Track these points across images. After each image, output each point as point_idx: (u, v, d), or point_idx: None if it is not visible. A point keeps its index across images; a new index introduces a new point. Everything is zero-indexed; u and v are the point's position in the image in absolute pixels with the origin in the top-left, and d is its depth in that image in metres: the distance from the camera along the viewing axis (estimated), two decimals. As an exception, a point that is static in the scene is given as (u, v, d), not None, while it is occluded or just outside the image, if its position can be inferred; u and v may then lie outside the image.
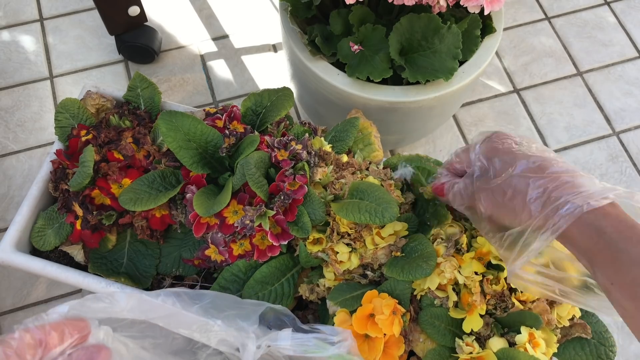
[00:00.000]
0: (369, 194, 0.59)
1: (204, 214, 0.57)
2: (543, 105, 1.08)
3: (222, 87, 1.07)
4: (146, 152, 0.66)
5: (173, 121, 0.62)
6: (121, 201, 0.60)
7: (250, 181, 0.58)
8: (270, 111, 0.69)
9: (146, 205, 0.60)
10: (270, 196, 0.61)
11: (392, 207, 0.57)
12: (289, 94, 0.70)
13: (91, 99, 0.72)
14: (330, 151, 0.64)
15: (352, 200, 0.59)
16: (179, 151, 0.61)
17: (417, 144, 1.03)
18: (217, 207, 0.57)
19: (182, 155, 0.61)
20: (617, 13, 1.18)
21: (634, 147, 1.05)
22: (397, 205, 0.57)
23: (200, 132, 0.63)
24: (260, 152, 0.61)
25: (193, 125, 0.63)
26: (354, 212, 0.57)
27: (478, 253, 0.56)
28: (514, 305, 0.55)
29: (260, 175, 0.60)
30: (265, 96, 0.70)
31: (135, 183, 0.62)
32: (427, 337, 0.56)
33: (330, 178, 0.62)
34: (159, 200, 0.60)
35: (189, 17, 1.15)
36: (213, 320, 0.49)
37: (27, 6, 1.14)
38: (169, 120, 0.62)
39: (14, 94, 1.05)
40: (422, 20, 0.74)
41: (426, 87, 0.76)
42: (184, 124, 0.62)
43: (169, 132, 0.62)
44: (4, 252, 0.64)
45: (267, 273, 0.61)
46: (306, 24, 0.83)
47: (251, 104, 0.70)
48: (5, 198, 0.96)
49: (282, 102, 0.69)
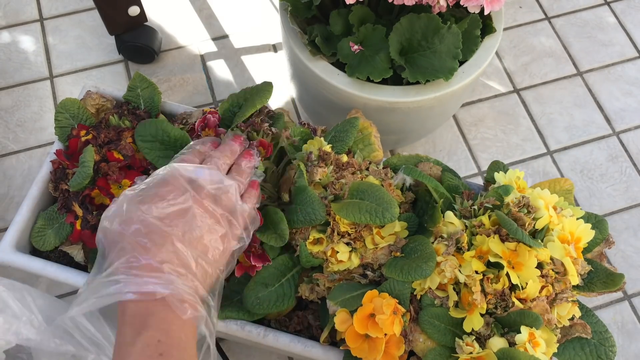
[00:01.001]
0: (370, 194, 0.59)
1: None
2: (543, 105, 1.08)
3: (222, 87, 1.07)
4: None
5: (147, 129, 0.62)
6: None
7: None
8: (243, 108, 0.66)
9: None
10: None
11: (392, 207, 0.57)
12: (266, 87, 0.67)
13: (91, 99, 0.72)
14: (330, 151, 0.64)
15: (352, 201, 0.59)
16: (158, 161, 0.61)
17: (417, 144, 1.03)
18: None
19: (162, 164, 0.61)
20: (617, 13, 1.18)
21: (634, 147, 1.05)
22: (397, 205, 0.57)
23: (174, 138, 0.63)
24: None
25: (166, 131, 0.63)
26: (354, 212, 0.57)
27: (478, 251, 0.56)
28: (514, 305, 0.55)
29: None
30: (242, 94, 0.68)
31: None
32: (427, 337, 0.56)
33: (330, 178, 0.62)
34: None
35: (189, 17, 1.15)
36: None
37: (27, 6, 1.14)
38: (142, 134, 0.62)
39: (14, 94, 1.05)
40: (422, 20, 0.74)
41: (426, 87, 0.76)
42: (157, 132, 0.62)
43: (144, 144, 0.62)
44: (3, 252, 0.64)
45: (266, 274, 0.61)
46: (306, 24, 0.83)
47: (228, 105, 0.68)
48: (5, 198, 0.96)
49: (258, 96, 0.66)
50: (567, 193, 0.66)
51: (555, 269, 0.57)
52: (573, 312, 0.58)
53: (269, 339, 0.61)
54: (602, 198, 1.00)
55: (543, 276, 0.56)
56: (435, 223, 0.60)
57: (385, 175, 0.64)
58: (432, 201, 0.63)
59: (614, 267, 0.62)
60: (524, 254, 0.55)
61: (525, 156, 1.04)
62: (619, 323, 0.91)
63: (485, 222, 0.58)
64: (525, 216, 0.57)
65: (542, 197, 0.59)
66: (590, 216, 0.64)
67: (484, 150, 1.03)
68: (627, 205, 1.00)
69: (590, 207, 0.99)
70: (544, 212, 0.57)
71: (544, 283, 0.56)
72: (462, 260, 0.56)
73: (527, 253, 0.55)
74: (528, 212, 0.57)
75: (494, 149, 1.04)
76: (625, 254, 0.96)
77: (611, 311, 0.92)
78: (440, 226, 0.60)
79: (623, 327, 0.91)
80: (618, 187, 1.01)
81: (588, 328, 0.59)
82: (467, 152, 1.03)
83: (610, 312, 0.92)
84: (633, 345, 0.89)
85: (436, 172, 0.67)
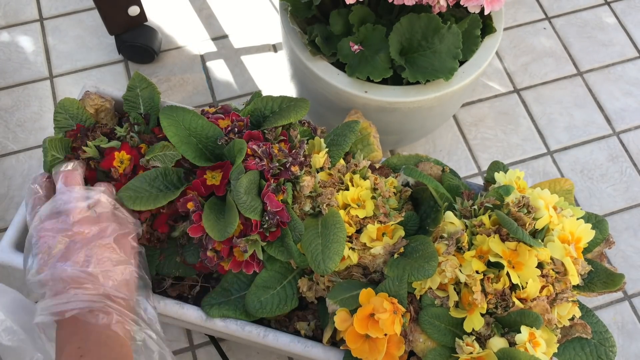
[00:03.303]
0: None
1: (219, 239, 0.57)
2: (543, 105, 1.08)
3: (222, 87, 1.07)
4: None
5: (174, 116, 0.62)
6: (120, 197, 0.60)
7: (242, 209, 0.57)
8: (277, 116, 0.66)
9: (145, 205, 0.60)
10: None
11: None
12: (303, 104, 0.67)
13: (90, 99, 0.71)
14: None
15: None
16: (181, 145, 0.61)
17: (417, 143, 1.03)
18: (230, 230, 0.57)
19: (185, 149, 0.61)
20: (617, 13, 1.18)
21: (634, 147, 1.05)
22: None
23: (200, 127, 0.63)
24: (250, 174, 0.59)
25: (194, 120, 0.63)
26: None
27: (478, 251, 0.56)
28: (515, 304, 0.55)
29: (252, 199, 0.59)
30: (278, 101, 0.68)
31: (136, 180, 0.61)
32: (428, 337, 0.56)
33: (319, 190, 0.62)
34: (159, 202, 0.60)
35: (188, 17, 1.14)
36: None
37: (27, 6, 1.14)
38: (170, 115, 0.62)
39: (14, 94, 1.05)
40: (422, 20, 0.74)
41: (426, 87, 0.76)
42: (185, 119, 0.62)
43: (170, 126, 0.61)
44: (3, 252, 0.64)
45: (267, 277, 0.61)
46: (306, 24, 0.83)
47: (262, 105, 0.68)
48: (5, 198, 0.96)
49: (294, 110, 0.66)
50: (567, 193, 0.66)
51: (556, 269, 0.57)
52: (573, 312, 0.58)
53: (269, 339, 0.61)
54: (602, 198, 1.00)
55: (543, 276, 0.56)
56: (437, 224, 0.60)
57: (376, 185, 0.63)
58: (436, 205, 0.63)
59: (614, 267, 0.62)
60: (524, 254, 0.55)
61: (525, 156, 1.04)
62: (619, 323, 0.91)
63: (486, 221, 0.58)
64: (525, 216, 0.57)
65: (542, 197, 0.59)
66: (591, 216, 0.64)
67: (484, 150, 1.03)
68: (627, 205, 1.00)
69: (591, 207, 0.99)
70: (544, 212, 0.57)
71: (544, 283, 0.56)
72: (463, 260, 0.56)
73: (528, 253, 0.55)
74: (528, 212, 0.57)
75: (494, 149, 1.04)
76: (625, 254, 0.96)
77: (611, 311, 0.92)
78: (440, 226, 0.60)
79: (623, 327, 0.91)
80: (618, 187, 1.01)
81: (588, 328, 0.59)
82: (467, 152, 1.03)
83: (611, 312, 0.92)
84: (633, 345, 0.89)
85: (436, 172, 0.67)
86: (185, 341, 0.85)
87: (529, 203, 0.58)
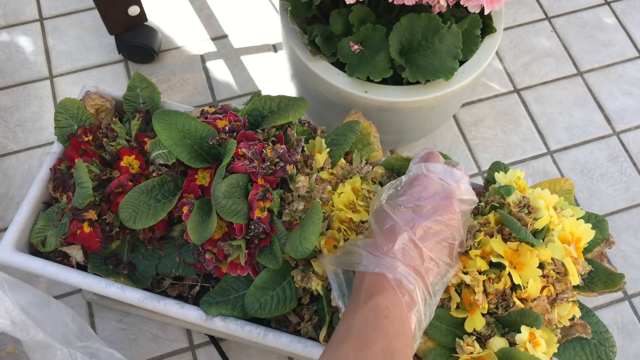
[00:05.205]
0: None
1: (197, 242, 0.57)
2: (543, 105, 1.08)
3: (222, 87, 1.07)
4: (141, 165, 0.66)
5: (167, 119, 0.62)
6: (121, 218, 0.60)
7: (221, 213, 0.57)
8: (275, 115, 0.66)
9: (146, 222, 0.60)
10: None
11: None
12: (302, 104, 0.67)
13: (90, 99, 0.71)
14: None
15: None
16: (175, 148, 0.61)
17: (417, 144, 1.03)
18: (207, 234, 0.57)
19: (179, 151, 0.61)
20: (617, 13, 1.18)
21: (634, 147, 1.05)
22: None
23: (194, 129, 0.63)
24: (232, 177, 0.59)
25: (187, 122, 0.63)
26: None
27: (482, 251, 0.56)
28: (515, 304, 0.55)
29: (235, 203, 0.58)
30: (277, 100, 0.68)
31: (133, 192, 0.61)
32: (428, 338, 0.56)
33: (315, 187, 0.62)
34: (159, 215, 0.61)
35: (188, 17, 1.14)
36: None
37: (27, 6, 1.14)
38: (162, 119, 0.62)
39: (14, 93, 1.05)
40: (422, 20, 0.74)
41: (426, 87, 0.76)
42: (177, 121, 0.62)
43: (163, 130, 0.61)
44: (3, 252, 0.64)
45: (266, 278, 0.61)
46: (306, 24, 0.83)
47: (260, 105, 0.68)
48: (5, 198, 0.96)
49: (293, 110, 0.66)
50: (567, 193, 0.66)
51: (556, 269, 0.57)
52: (573, 312, 0.58)
53: (269, 339, 0.61)
54: (602, 198, 1.00)
55: (544, 276, 0.56)
56: None
57: (368, 192, 0.63)
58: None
59: (614, 267, 0.62)
60: (525, 254, 0.55)
61: (525, 156, 1.04)
62: (619, 323, 0.91)
63: (492, 220, 0.58)
64: (525, 216, 0.57)
65: (543, 197, 0.59)
66: (591, 216, 0.64)
67: (484, 150, 1.03)
68: (627, 205, 1.00)
69: (591, 207, 0.99)
70: (544, 212, 0.57)
71: (545, 283, 0.56)
72: (466, 261, 0.56)
73: (529, 253, 0.55)
74: (528, 212, 0.57)
75: (494, 149, 1.04)
76: (625, 254, 0.96)
77: (611, 311, 0.92)
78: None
79: (623, 327, 0.91)
80: (618, 187, 1.01)
81: (588, 328, 0.59)
82: (467, 152, 1.03)
83: (611, 312, 0.92)
84: (633, 345, 0.89)
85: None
86: (185, 341, 0.85)
87: (529, 203, 0.58)
